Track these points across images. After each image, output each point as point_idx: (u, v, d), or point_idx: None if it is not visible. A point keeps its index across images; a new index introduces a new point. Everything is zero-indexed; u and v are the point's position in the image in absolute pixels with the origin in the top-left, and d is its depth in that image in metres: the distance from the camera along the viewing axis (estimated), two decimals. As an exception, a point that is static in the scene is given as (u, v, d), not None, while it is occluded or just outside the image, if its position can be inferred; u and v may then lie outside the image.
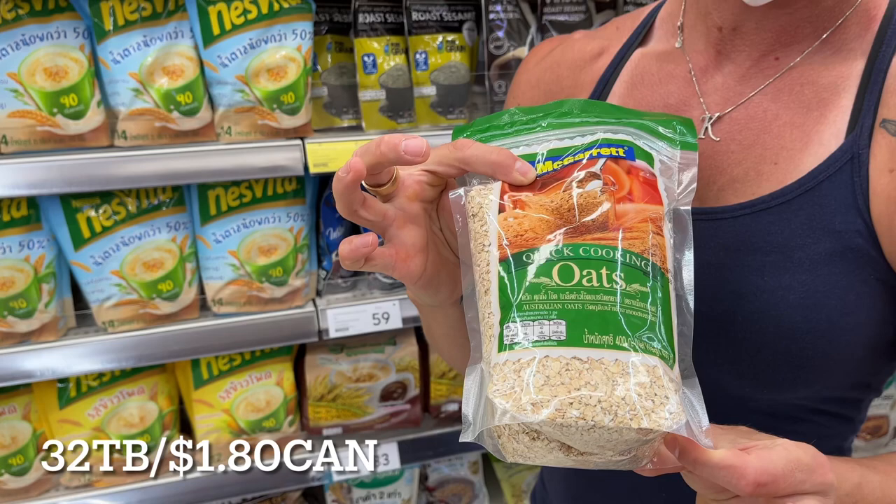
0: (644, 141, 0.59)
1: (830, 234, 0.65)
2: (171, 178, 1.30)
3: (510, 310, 0.51)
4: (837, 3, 0.69)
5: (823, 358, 0.67)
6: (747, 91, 0.72)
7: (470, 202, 0.58)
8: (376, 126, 1.42)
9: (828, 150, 0.66)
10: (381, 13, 1.39)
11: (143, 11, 1.24)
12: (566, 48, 0.87)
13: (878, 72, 0.67)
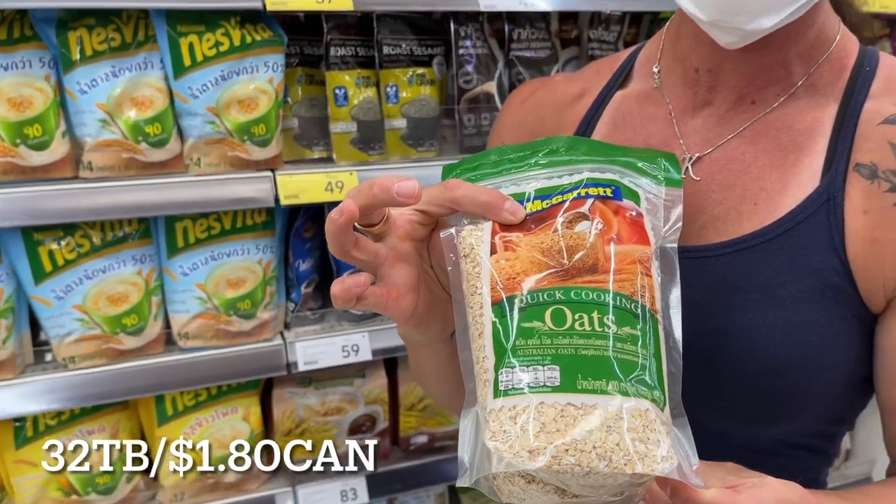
0: (630, 179, 0.60)
1: (810, 273, 0.67)
2: (139, 210, 1.27)
3: (504, 355, 0.52)
4: (809, 49, 0.72)
5: (805, 394, 0.69)
6: (726, 133, 0.75)
7: (462, 242, 0.58)
8: (347, 158, 1.42)
9: (805, 192, 0.70)
10: (353, 47, 1.40)
11: (112, 42, 1.22)
12: (548, 90, 0.90)
13: (850, 117, 0.70)
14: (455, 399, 0.82)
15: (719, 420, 0.72)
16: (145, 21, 1.25)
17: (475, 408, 0.55)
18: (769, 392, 0.70)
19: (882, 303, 0.69)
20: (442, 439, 1.68)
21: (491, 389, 0.52)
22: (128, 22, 1.24)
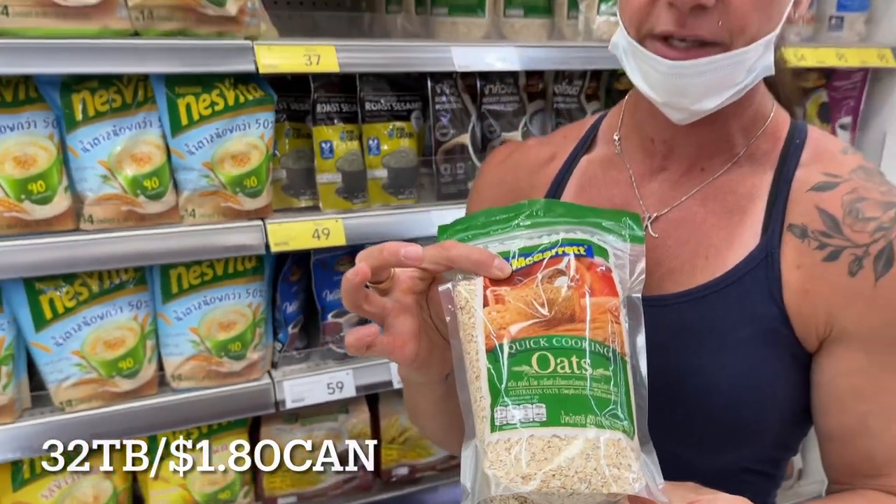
0: (599, 237, 0.71)
1: (754, 320, 0.79)
2: (137, 260, 1.35)
3: (499, 395, 0.61)
4: (749, 124, 0.85)
5: (754, 425, 0.80)
6: (680, 196, 0.86)
7: (458, 296, 0.67)
8: (333, 206, 1.51)
9: (747, 249, 0.81)
10: (337, 103, 1.50)
11: (114, 103, 1.30)
12: (523, 153, 1.00)
13: (783, 183, 0.82)
14: (446, 435, 0.92)
15: (681, 449, 0.82)
16: (144, 83, 1.33)
17: (474, 440, 0.63)
18: (723, 424, 0.81)
19: (815, 344, 0.80)
20: (422, 470, 1.76)
21: (488, 425, 0.61)
22: (128, 84, 1.32)
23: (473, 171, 1.63)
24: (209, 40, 1.31)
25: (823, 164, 0.82)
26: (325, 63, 1.37)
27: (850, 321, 0.78)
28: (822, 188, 0.80)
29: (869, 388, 0.78)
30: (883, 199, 0.78)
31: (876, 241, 0.77)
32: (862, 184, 0.80)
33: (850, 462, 0.82)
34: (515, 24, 1.67)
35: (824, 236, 0.79)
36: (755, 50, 0.74)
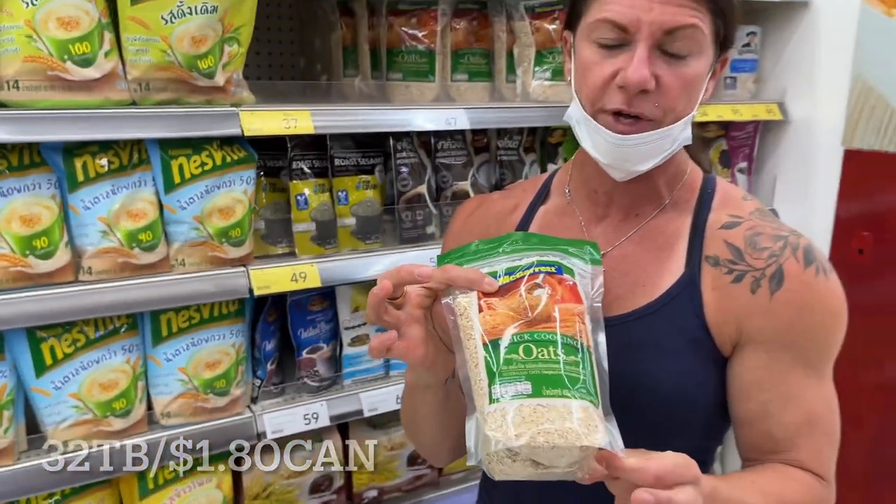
0: (566, 260, 0.90)
1: (683, 332, 0.99)
2: (132, 307, 1.46)
3: (494, 377, 0.80)
4: (672, 178, 1.07)
5: (687, 419, 1.01)
6: (620, 237, 1.07)
7: (458, 306, 0.85)
8: (307, 252, 1.67)
9: (674, 277, 1.02)
10: (310, 160, 1.68)
11: (112, 165, 1.43)
12: (489, 205, 1.20)
13: (699, 224, 1.04)
14: (438, 438, 1.09)
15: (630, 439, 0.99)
16: (139, 146, 1.47)
17: (476, 414, 0.81)
18: (663, 419, 1.01)
19: (729, 349, 1.01)
20: (390, 492, 1.91)
21: (487, 399, 0.79)
22: (124, 147, 1.45)
23: (431, 217, 1.82)
24: (200, 108, 1.46)
25: (729, 208, 1.04)
26: (302, 126, 1.55)
27: (753, 329, 0.98)
28: (728, 226, 1.02)
29: (768, 380, 0.99)
30: (774, 233, 1.00)
31: (770, 266, 0.98)
32: (758, 222, 1.02)
33: (756, 441, 1.02)
34: (461, 87, 1.89)
35: (732, 264, 1.00)
36: (679, 126, 0.96)
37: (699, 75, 0.95)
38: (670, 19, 0.90)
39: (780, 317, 0.97)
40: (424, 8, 1.79)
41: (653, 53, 0.91)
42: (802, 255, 0.98)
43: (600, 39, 0.93)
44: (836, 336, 1.01)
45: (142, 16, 1.35)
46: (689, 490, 0.79)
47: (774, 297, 0.97)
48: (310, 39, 2.16)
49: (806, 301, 0.97)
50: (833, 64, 2.15)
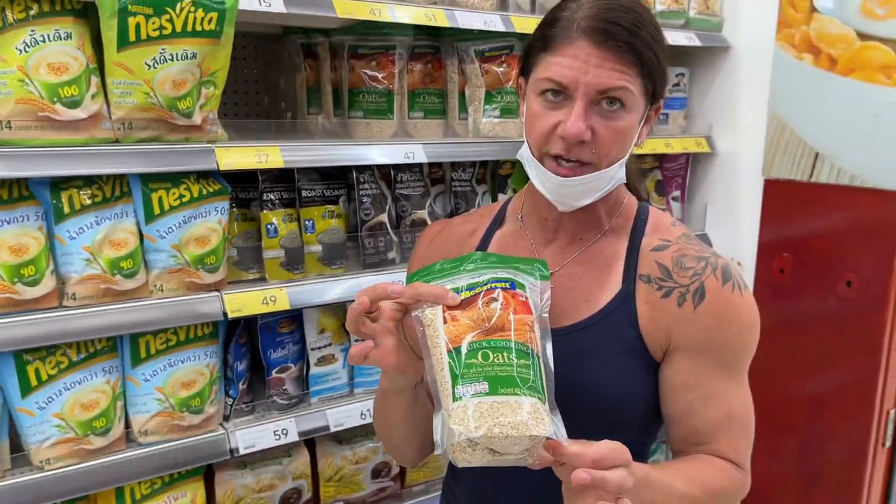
0: (519, 276, 1.04)
1: (621, 341, 1.14)
2: (113, 330, 1.56)
3: (457, 378, 0.93)
4: (612, 207, 1.22)
5: (625, 417, 1.15)
6: (567, 259, 1.22)
7: (425, 318, 0.99)
8: (277, 277, 1.80)
9: (613, 292, 1.17)
10: (279, 192, 1.81)
11: (96, 198, 1.54)
12: (450, 230, 1.34)
13: (634, 247, 1.19)
14: (407, 439, 1.22)
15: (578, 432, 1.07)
16: (121, 180, 1.58)
17: (442, 410, 0.94)
18: (604, 417, 1.14)
19: (661, 355, 1.16)
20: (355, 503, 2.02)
21: (451, 398, 0.92)
22: (107, 182, 1.57)
23: (391, 243, 1.97)
24: (179, 145, 1.58)
25: (660, 233, 1.20)
26: (273, 160, 1.68)
27: (680, 337, 1.13)
28: (659, 249, 1.18)
29: (692, 382, 1.14)
30: (697, 254, 1.16)
31: (693, 282, 1.13)
32: (684, 245, 1.18)
33: (684, 436, 1.17)
34: (418, 124, 2.05)
35: (661, 281, 1.15)
36: (614, 169, 1.11)
37: (630, 127, 1.10)
38: (604, 81, 1.04)
39: (702, 326, 1.12)
40: (383, 52, 1.96)
41: (589, 109, 1.06)
42: (721, 273, 1.14)
43: (546, 94, 1.08)
44: (750, 344, 1.16)
45: (127, 62, 1.47)
46: (621, 471, 0.92)
47: (697, 309, 1.12)
48: (275, 79, 2.30)
49: (724, 313, 1.13)
50: (752, 102, 2.39)
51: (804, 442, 2.31)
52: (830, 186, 2.13)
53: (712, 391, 1.14)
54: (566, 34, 1.06)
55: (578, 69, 1.04)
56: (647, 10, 1.11)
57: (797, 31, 2.16)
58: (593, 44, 1.04)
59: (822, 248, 2.17)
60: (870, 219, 2.05)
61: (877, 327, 2.06)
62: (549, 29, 1.10)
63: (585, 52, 1.04)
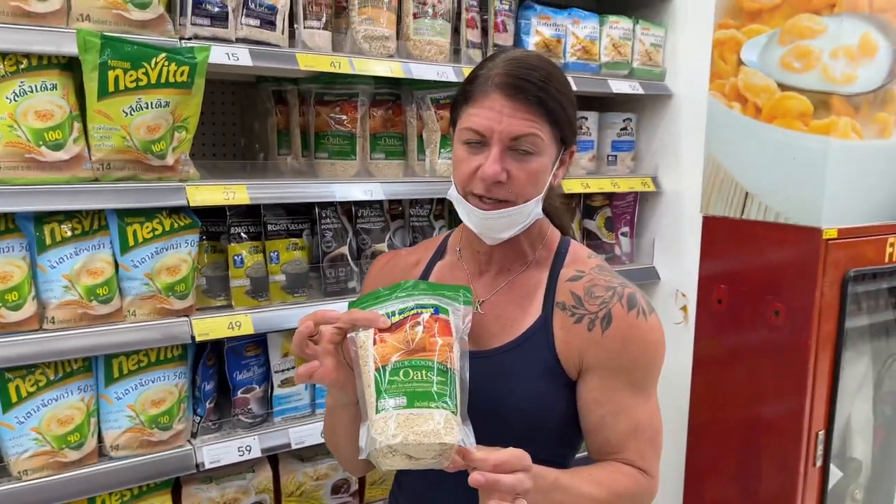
0: (444, 302, 1.18)
1: (539, 362, 1.25)
2: (89, 352, 1.71)
3: (381, 393, 1.08)
4: (534, 241, 1.35)
5: (544, 430, 1.26)
6: (496, 288, 1.34)
7: (359, 340, 1.14)
8: (243, 304, 1.95)
9: (533, 318, 1.28)
10: (246, 226, 1.97)
11: (75, 231, 1.71)
12: (397, 259, 1.48)
13: (553, 277, 1.31)
14: (352, 452, 1.34)
15: (503, 443, 1.16)
16: (99, 214, 1.75)
17: (367, 421, 1.08)
18: (525, 429, 1.24)
19: (576, 375, 1.26)
20: (315, 518, 2.14)
21: (374, 410, 1.07)
22: (87, 216, 1.73)
23: (352, 274, 2.13)
24: (153, 183, 1.75)
25: (577, 265, 1.32)
26: (239, 197, 1.85)
27: (590, 359, 1.25)
28: (573, 279, 1.30)
29: (603, 399, 1.25)
30: (606, 284, 1.28)
31: (601, 310, 1.25)
32: (596, 276, 1.30)
33: (598, 446, 1.28)
34: (379, 164, 2.23)
35: (575, 308, 1.27)
36: (529, 205, 1.23)
37: (542, 168, 1.22)
38: (515, 129, 1.17)
39: (609, 348, 1.24)
40: (347, 99, 2.14)
41: (504, 153, 1.19)
42: (626, 301, 1.26)
43: (467, 141, 1.21)
44: (655, 362, 1.29)
45: (106, 109, 1.65)
46: (518, 475, 1.05)
47: (605, 333, 1.25)
48: (250, 123, 2.48)
49: (629, 336, 1.25)
50: (692, 145, 2.58)
51: (742, 463, 2.45)
52: (759, 223, 2.31)
53: (620, 406, 1.26)
54: (483, 89, 1.20)
55: (493, 119, 1.17)
56: (556, 68, 1.25)
57: (727, 82, 2.36)
58: (505, 97, 1.17)
59: (753, 280, 2.34)
60: (793, 253, 2.22)
61: (802, 354, 2.22)
62: (469, 85, 1.25)
63: (499, 104, 1.18)
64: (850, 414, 2.51)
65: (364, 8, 2.02)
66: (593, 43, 2.47)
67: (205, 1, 1.76)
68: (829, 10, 2.10)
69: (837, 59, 2.09)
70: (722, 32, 2.38)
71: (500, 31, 2.29)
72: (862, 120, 2.17)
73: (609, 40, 2.50)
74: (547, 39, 2.37)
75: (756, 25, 2.28)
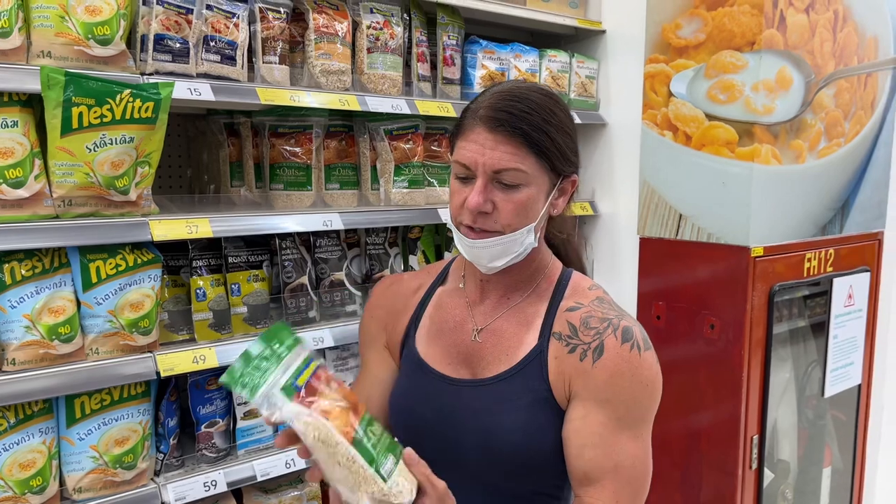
0: (304, 350, 1.02)
1: (533, 391, 1.23)
2: (51, 392, 1.67)
3: (374, 458, 0.99)
4: (535, 272, 1.33)
5: (537, 461, 1.23)
6: (495, 316, 1.34)
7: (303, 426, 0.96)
8: (206, 337, 1.95)
9: (529, 348, 1.27)
10: (208, 259, 1.97)
11: (36, 269, 1.67)
12: (399, 284, 1.47)
13: (553, 307, 1.30)
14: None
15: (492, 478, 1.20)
16: (59, 251, 1.71)
17: (363, 493, 0.98)
18: (517, 460, 1.21)
19: (566, 404, 1.23)
20: (281, 550, 2.13)
21: (380, 480, 0.98)
22: (47, 254, 1.70)
23: (312, 304, 2.15)
24: (116, 219, 1.74)
25: (577, 296, 1.31)
26: (202, 231, 1.85)
27: (579, 388, 1.22)
28: (571, 310, 1.28)
29: (585, 429, 1.21)
30: (602, 316, 1.26)
31: (594, 341, 1.23)
32: (594, 308, 1.28)
33: (576, 476, 1.23)
34: (334, 195, 2.27)
35: (569, 338, 1.25)
36: (519, 234, 1.22)
37: (529, 199, 1.21)
38: (497, 163, 1.19)
39: (597, 379, 1.21)
40: (301, 131, 2.18)
41: (490, 185, 1.20)
42: (621, 333, 1.23)
43: (457, 174, 1.24)
44: (646, 401, 1.23)
45: (69, 146, 1.63)
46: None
47: (595, 364, 1.22)
48: (198, 154, 2.47)
49: (618, 368, 1.21)
50: (627, 171, 2.74)
51: (685, 471, 2.60)
52: (693, 243, 2.48)
53: (602, 440, 1.21)
54: (470, 123, 1.23)
55: (477, 152, 1.20)
56: (547, 98, 1.24)
57: (659, 112, 2.53)
58: (488, 130, 1.19)
59: (689, 296, 2.51)
60: (725, 270, 2.40)
61: (736, 364, 2.39)
62: (461, 119, 1.27)
63: (483, 138, 1.20)
64: (777, 418, 2.71)
65: (320, 43, 2.07)
66: (534, 76, 2.60)
67: (166, 37, 1.78)
68: (749, 47, 2.29)
69: (758, 92, 2.28)
70: (652, 66, 2.56)
71: (449, 65, 2.38)
72: (781, 147, 2.38)
73: (548, 73, 2.64)
74: (492, 73, 2.48)
75: (683, 60, 2.47)
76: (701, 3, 2.41)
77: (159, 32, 1.77)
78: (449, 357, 1.34)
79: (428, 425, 1.30)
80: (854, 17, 2.62)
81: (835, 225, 2.70)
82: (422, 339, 1.39)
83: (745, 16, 2.29)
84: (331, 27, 2.09)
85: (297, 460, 2.08)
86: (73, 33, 1.63)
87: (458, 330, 1.35)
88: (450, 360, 1.34)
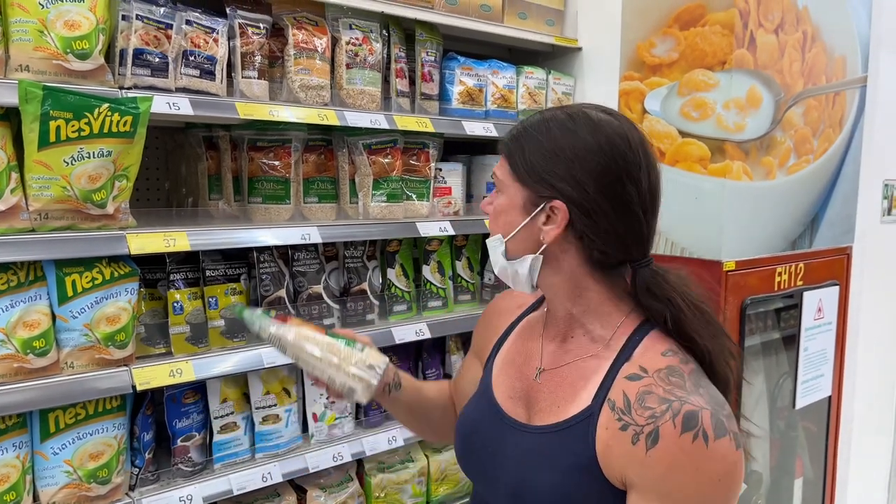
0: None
1: (573, 455, 1.12)
2: (26, 406, 1.66)
3: (350, 342, 1.34)
4: (585, 311, 1.21)
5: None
6: (560, 361, 1.23)
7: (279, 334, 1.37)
8: (182, 351, 1.94)
9: (581, 406, 1.15)
10: (185, 273, 1.97)
11: (11, 283, 1.66)
12: (507, 300, 1.46)
13: (616, 368, 1.15)
14: (419, 427, 1.58)
15: None
16: (34, 265, 1.71)
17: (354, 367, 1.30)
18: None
19: (621, 485, 1.08)
20: (257, 564, 2.13)
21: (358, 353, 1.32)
22: (22, 267, 1.69)
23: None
24: (93, 232, 1.74)
25: (643, 361, 1.13)
26: (180, 244, 1.86)
27: (634, 477, 1.08)
28: (631, 378, 1.12)
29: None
30: (664, 395, 1.07)
31: (648, 425, 1.06)
32: (657, 381, 1.09)
33: None
34: (313, 208, 2.28)
35: (622, 413, 1.10)
36: (493, 240, 1.23)
37: (502, 206, 1.21)
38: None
39: (653, 470, 1.06)
40: (280, 145, 2.19)
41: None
42: (682, 420, 1.05)
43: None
44: (712, 497, 1.06)
45: (46, 160, 1.63)
46: None
47: (649, 452, 1.06)
48: (175, 166, 2.47)
49: (677, 461, 1.04)
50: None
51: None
52: (668, 256, 2.52)
53: None
54: None
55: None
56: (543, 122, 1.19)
57: (633, 128, 2.58)
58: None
59: (663, 310, 2.54)
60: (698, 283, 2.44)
61: (710, 376, 2.43)
62: None
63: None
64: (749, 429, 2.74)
65: (300, 59, 2.09)
66: (511, 92, 2.64)
67: (145, 51, 1.78)
68: (720, 66, 2.35)
69: (729, 110, 2.33)
70: (627, 84, 2.61)
71: (427, 81, 2.41)
72: (752, 163, 2.43)
73: (525, 89, 2.68)
74: (470, 89, 2.51)
75: (657, 78, 2.52)
76: (674, 22, 2.46)
77: (138, 47, 1.77)
78: (512, 391, 1.30)
79: (475, 454, 1.30)
80: (822, 38, 2.69)
81: (805, 239, 2.76)
82: (498, 364, 1.37)
83: (717, 36, 2.34)
84: (310, 43, 2.11)
85: (274, 474, 2.08)
86: (51, 47, 1.63)
87: (525, 365, 1.31)
88: (511, 394, 1.29)
